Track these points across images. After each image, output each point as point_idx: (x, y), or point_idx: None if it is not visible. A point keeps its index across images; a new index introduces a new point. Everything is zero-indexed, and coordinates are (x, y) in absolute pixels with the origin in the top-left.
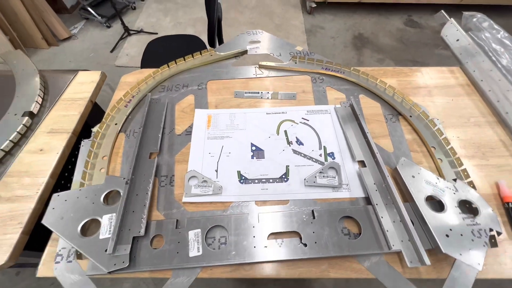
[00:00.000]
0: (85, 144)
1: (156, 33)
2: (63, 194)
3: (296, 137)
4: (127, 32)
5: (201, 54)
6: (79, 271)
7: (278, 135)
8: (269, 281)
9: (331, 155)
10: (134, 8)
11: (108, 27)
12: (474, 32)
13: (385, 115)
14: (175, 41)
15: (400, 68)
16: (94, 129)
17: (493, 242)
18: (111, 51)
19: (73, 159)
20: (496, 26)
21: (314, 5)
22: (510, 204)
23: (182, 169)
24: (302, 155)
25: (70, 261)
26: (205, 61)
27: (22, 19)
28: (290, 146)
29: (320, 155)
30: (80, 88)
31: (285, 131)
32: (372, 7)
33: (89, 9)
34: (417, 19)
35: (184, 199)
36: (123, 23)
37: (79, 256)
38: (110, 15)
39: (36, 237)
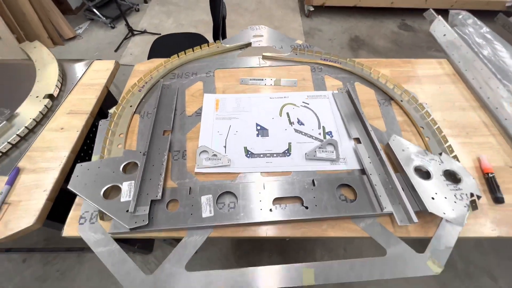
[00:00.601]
0: (103, 124)
1: (159, 34)
2: (85, 164)
3: (298, 118)
4: (131, 32)
5: (208, 46)
6: (102, 231)
7: (281, 116)
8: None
9: (330, 133)
10: (138, 10)
11: (112, 27)
12: (459, 28)
13: (379, 99)
14: (180, 38)
15: (393, 59)
16: (111, 110)
17: (474, 205)
18: (115, 51)
19: (91, 135)
20: (479, 22)
21: (312, 8)
22: (489, 174)
23: (193, 145)
24: (303, 133)
25: (93, 223)
26: (213, 52)
27: (30, 18)
28: (292, 126)
29: (319, 133)
30: (96, 75)
31: (287, 113)
32: (367, 11)
33: (94, 10)
34: (411, 23)
35: (196, 170)
36: (127, 24)
37: (101, 217)
38: (115, 16)
39: (57, 209)
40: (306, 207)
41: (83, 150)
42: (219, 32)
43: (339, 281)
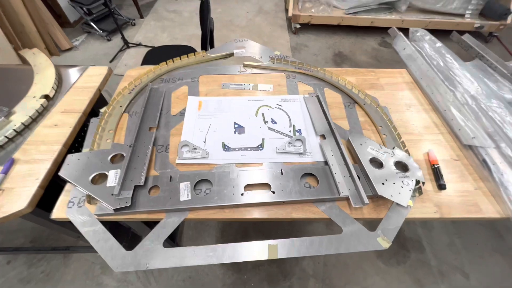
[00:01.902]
0: (93, 122)
1: (154, 46)
2: (76, 154)
3: (271, 118)
4: (126, 45)
5: (194, 55)
6: (88, 213)
7: (256, 116)
8: (254, 266)
9: (299, 131)
10: (134, 24)
11: (109, 40)
12: (417, 43)
13: (344, 103)
14: (171, 49)
15: (359, 69)
16: (102, 110)
17: (419, 190)
18: (110, 61)
19: (82, 133)
20: (433, 38)
21: (298, 26)
22: (435, 165)
23: (176, 140)
24: (275, 131)
25: (81, 206)
26: (198, 60)
27: (28, 30)
28: (266, 124)
29: (290, 131)
30: (90, 79)
31: (263, 114)
32: (350, 29)
33: (92, 23)
34: (390, 40)
35: (177, 161)
36: (123, 37)
37: (88, 201)
38: (111, 29)
39: (47, 200)
40: (273, 192)
41: (74, 147)
42: (207, 43)
43: (299, 255)
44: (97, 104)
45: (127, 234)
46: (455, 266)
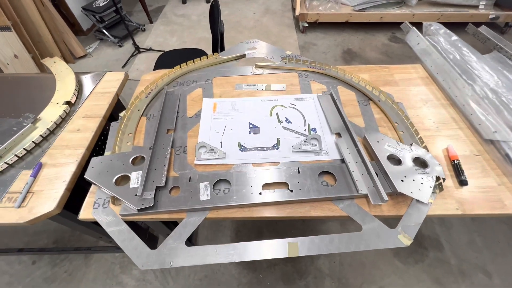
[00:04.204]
0: (114, 125)
1: (164, 51)
2: (99, 157)
3: (286, 118)
4: (137, 50)
5: (207, 57)
6: (113, 214)
7: (271, 116)
8: (269, 266)
9: (314, 130)
10: (144, 30)
11: (120, 46)
12: (431, 37)
13: (358, 100)
14: (183, 53)
15: (372, 65)
16: (121, 114)
17: (440, 187)
18: (123, 67)
19: (102, 138)
20: (448, 32)
21: (306, 24)
22: (455, 161)
23: (193, 142)
24: (290, 130)
25: (106, 207)
26: (211, 63)
27: (45, 39)
28: (280, 124)
29: (305, 130)
30: (108, 84)
31: (277, 113)
32: (359, 25)
33: (104, 31)
34: (400, 35)
35: (196, 162)
36: (134, 42)
37: (113, 202)
38: (122, 36)
39: (72, 203)
40: (291, 191)
41: (96, 149)
42: (218, 46)
43: (320, 252)
44: (115, 108)
45: (144, 235)
46: (476, 265)
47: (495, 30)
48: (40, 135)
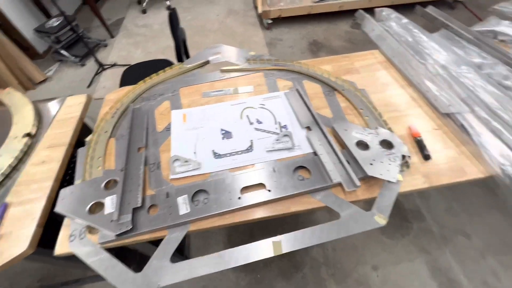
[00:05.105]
0: (81, 152)
1: (129, 64)
2: (69, 188)
3: (256, 119)
4: (101, 67)
5: (171, 68)
6: (91, 244)
7: (242, 119)
8: (266, 264)
9: (285, 127)
10: (106, 45)
11: (83, 65)
12: (384, 22)
13: (324, 92)
14: (147, 65)
15: (333, 56)
16: (88, 138)
17: (406, 165)
18: (88, 87)
19: (71, 165)
20: (399, 15)
21: (270, 21)
22: (417, 138)
23: (166, 156)
24: (262, 130)
25: (83, 238)
26: (176, 73)
27: None
28: (252, 125)
29: (276, 128)
30: (70, 110)
31: (247, 116)
32: (321, 16)
33: (62, 51)
34: (361, 21)
35: (171, 177)
36: (96, 60)
37: (89, 231)
38: (83, 54)
39: (47, 238)
40: (269, 190)
41: (66, 179)
42: (182, 54)
43: (303, 246)
44: (82, 133)
45: (135, 256)
46: (456, 228)
47: (445, 7)
48: (2, 173)
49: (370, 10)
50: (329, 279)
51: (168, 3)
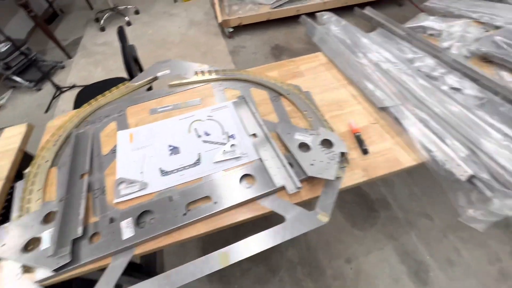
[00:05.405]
0: (18, 186)
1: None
2: (3, 226)
3: (204, 131)
4: (59, 90)
5: (117, 88)
6: (29, 283)
7: (190, 133)
8: (242, 273)
9: (232, 136)
10: (63, 67)
11: (39, 90)
12: (326, 25)
13: (271, 97)
14: (103, 85)
15: (280, 62)
16: (26, 171)
17: (346, 161)
18: (46, 112)
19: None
20: (338, 18)
21: (231, 29)
22: (356, 134)
23: (112, 180)
24: (210, 142)
25: (19, 278)
26: (123, 92)
27: None
28: (200, 138)
29: (224, 138)
30: (9, 141)
31: (195, 129)
32: (280, 21)
33: (14, 77)
34: (305, 26)
35: (115, 201)
36: (53, 83)
37: (26, 271)
38: (38, 78)
39: None
40: (215, 202)
41: (6, 215)
42: (132, 72)
43: (250, 254)
44: (25, 164)
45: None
46: (419, 212)
47: (394, 4)
48: None
49: (347, 9)
50: (305, 279)
51: (127, 19)
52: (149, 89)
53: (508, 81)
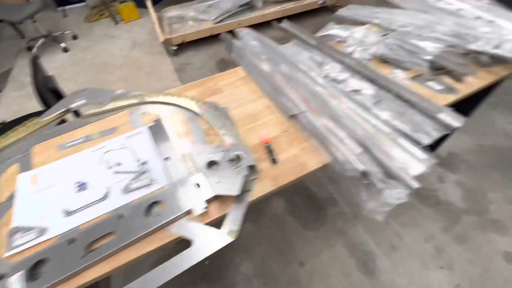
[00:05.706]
0: None
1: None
2: None
3: (116, 162)
4: None
5: (24, 126)
6: None
7: (100, 165)
8: (195, 285)
9: (145, 163)
10: None
11: None
12: (244, 41)
13: (188, 118)
14: (14, 124)
15: (200, 80)
16: None
17: (254, 173)
18: None
19: None
20: (255, 34)
21: (175, 47)
22: (266, 144)
23: (6, 230)
24: (122, 172)
25: None
26: (31, 130)
27: None
28: (111, 169)
29: (137, 166)
30: None
31: (107, 160)
32: None
33: None
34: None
35: (6, 254)
36: None
37: None
38: None
39: None
40: (119, 237)
41: None
42: (50, 105)
43: (158, 285)
44: None
45: None
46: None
47: (329, 12)
48: None
49: (265, 24)
50: None
51: (63, 45)
52: (62, 122)
53: (399, 79)
